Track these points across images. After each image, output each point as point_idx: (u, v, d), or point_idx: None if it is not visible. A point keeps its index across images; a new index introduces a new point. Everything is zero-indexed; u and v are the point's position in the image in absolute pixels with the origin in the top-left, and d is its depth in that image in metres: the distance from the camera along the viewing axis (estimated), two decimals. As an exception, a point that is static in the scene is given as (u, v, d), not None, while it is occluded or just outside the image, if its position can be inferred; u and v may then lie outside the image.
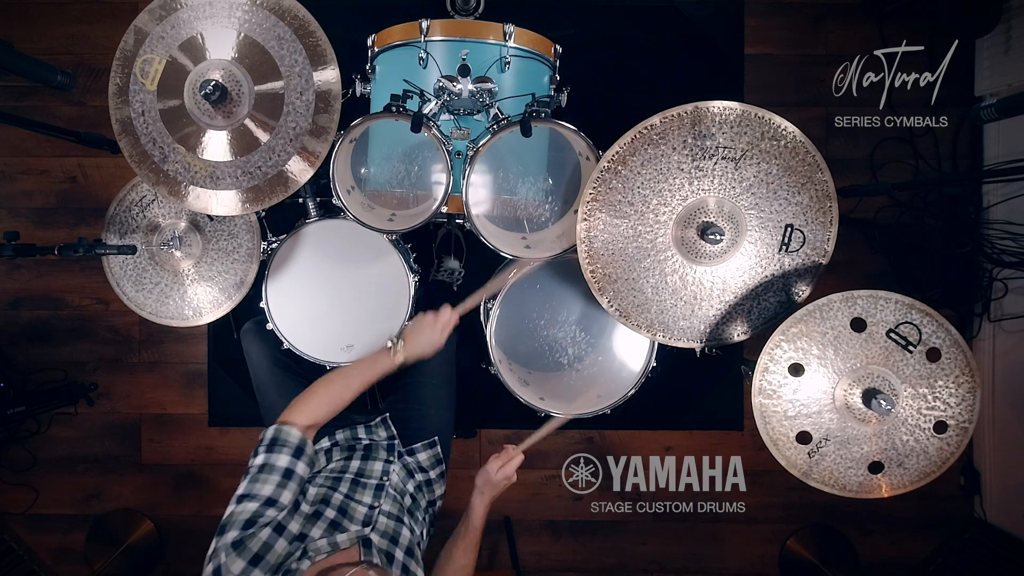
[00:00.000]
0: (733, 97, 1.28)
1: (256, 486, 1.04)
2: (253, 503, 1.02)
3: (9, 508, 2.27)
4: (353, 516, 1.12)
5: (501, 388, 1.53)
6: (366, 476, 1.25)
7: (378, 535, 1.10)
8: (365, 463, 1.29)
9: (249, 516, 1.00)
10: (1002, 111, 1.57)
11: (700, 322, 1.43)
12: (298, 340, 1.58)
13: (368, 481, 1.23)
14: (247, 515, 1.00)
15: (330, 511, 1.10)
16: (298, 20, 1.33)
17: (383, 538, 1.10)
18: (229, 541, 0.97)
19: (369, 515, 1.14)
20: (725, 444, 2.29)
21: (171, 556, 2.31)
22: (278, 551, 0.99)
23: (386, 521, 1.15)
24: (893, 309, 1.29)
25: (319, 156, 1.37)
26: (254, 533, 0.98)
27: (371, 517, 1.14)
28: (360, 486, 1.21)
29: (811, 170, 1.32)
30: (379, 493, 1.21)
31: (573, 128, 1.37)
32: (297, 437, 1.12)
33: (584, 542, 2.33)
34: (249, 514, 1.00)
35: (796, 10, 2.25)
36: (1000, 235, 2.10)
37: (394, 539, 1.11)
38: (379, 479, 1.25)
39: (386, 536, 1.11)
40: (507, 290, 1.52)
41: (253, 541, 0.97)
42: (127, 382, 2.28)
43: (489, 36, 1.46)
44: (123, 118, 1.37)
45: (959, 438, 1.31)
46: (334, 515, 1.10)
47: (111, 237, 1.69)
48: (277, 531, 1.00)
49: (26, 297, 2.27)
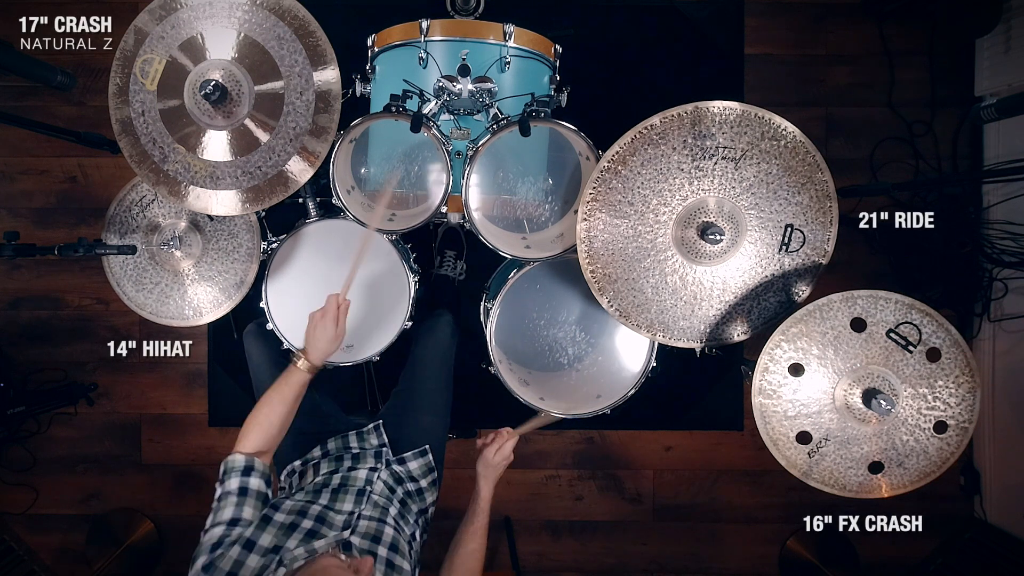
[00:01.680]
0: (733, 97, 1.28)
1: (217, 515, 1.07)
2: (218, 528, 1.05)
3: (9, 508, 2.28)
4: (332, 523, 1.10)
5: (501, 388, 1.53)
6: (348, 484, 1.23)
7: (359, 536, 1.08)
8: (350, 473, 1.27)
9: (216, 539, 1.02)
10: (1002, 111, 1.57)
11: (700, 322, 1.43)
12: (298, 340, 1.57)
13: (350, 488, 1.22)
14: (214, 539, 1.02)
15: (307, 521, 1.09)
16: (298, 20, 1.33)
17: (364, 539, 1.08)
18: (199, 567, 0.98)
19: (348, 520, 1.12)
20: (725, 444, 2.29)
21: (171, 556, 2.31)
22: (251, 566, 0.98)
23: (367, 524, 1.12)
24: (893, 309, 1.29)
25: (319, 156, 1.37)
26: (223, 553, 0.99)
27: (350, 522, 1.11)
28: (342, 493, 1.20)
29: (811, 170, 1.32)
30: (360, 499, 1.19)
31: (573, 128, 1.37)
32: (241, 460, 1.14)
33: (584, 542, 2.33)
34: (216, 538, 1.03)
35: (796, 10, 2.25)
36: (1000, 235, 2.10)
37: (376, 538, 1.09)
38: (361, 486, 1.23)
39: (367, 536, 1.09)
40: (507, 290, 1.52)
41: (223, 561, 0.98)
42: (127, 382, 2.28)
43: (489, 36, 1.46)
44: (123, 118, 1.37)
45: (959, 438, 1.31)
46: (311, 524, 1.08)
47: (111, 237, 1.68)
48: (247, 548, 1.00)
49: (26, 297, 2.27)
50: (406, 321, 1.58)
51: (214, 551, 1.00)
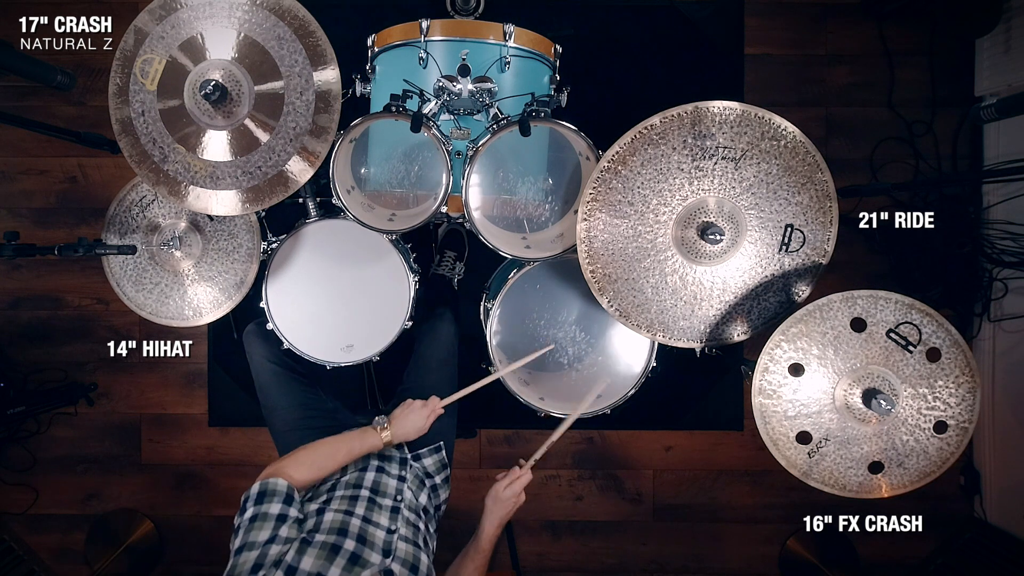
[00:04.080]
0: (733, 97, 1.28)
1: (251, 535, 0.99)
2: (253, 551, 0.96)
3: (9, 508, 2.28)
4: (373, 543, 1.08)
5: (501, 388, 1.53)
6: (381, 494, 1.22)
7: (399, 564, 1.06)
8: (380, 475, 1.27)
9: (253, 563, 0.94)
10: (1002, 111, 1.57)
11: (700, 322, 1.43)
12: (298, 340, 1.58)
13: (383, 501, 1.20)
14: (251, 563, 0.94)
15: (349, 542, 1.04)
16: (298, 20, 1.33)
17: (403, 567, 1.06)
18: None
19: (388, 541, 1.10)
20: (725, 444, 2.29)
21: (171, 556, 2.31)
22: None
23: (405, 547, 1.11)
24: (893, 309, 1.29)
25: (319, 156, 1.37)
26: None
27: (390, 544, 1.09)
28: (376, 506, 1.18)
29: (811, 170, 1.32)
30: (395, 516, 1.18)
31: (573, 128, 1.37)
32: (285, 485, 1.08)
33: (584, 542, 2.33)
34: (252, 562, 0.95)
35: (796, 10, 2.25)
36: (1000, 235, 2.10)
37: (414, 567, 1.08)
38: (394, 500, 1.22)
39: (406, 565, 1.07)
40: (507, 290, 1.52)
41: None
42: (127, 382, 2.28)
43: (489, 36, 1.46)
44: (123, 118, 1.37)
45: (959, 438, 1.31)
46: (354, 546, 1.04)
47: (111, 237, 1.68)
48: (288, 573, 0.94)
49: (26, 297, 2.27)
50: (406, 321, 1.58)
51: (254, 573, 0.93)
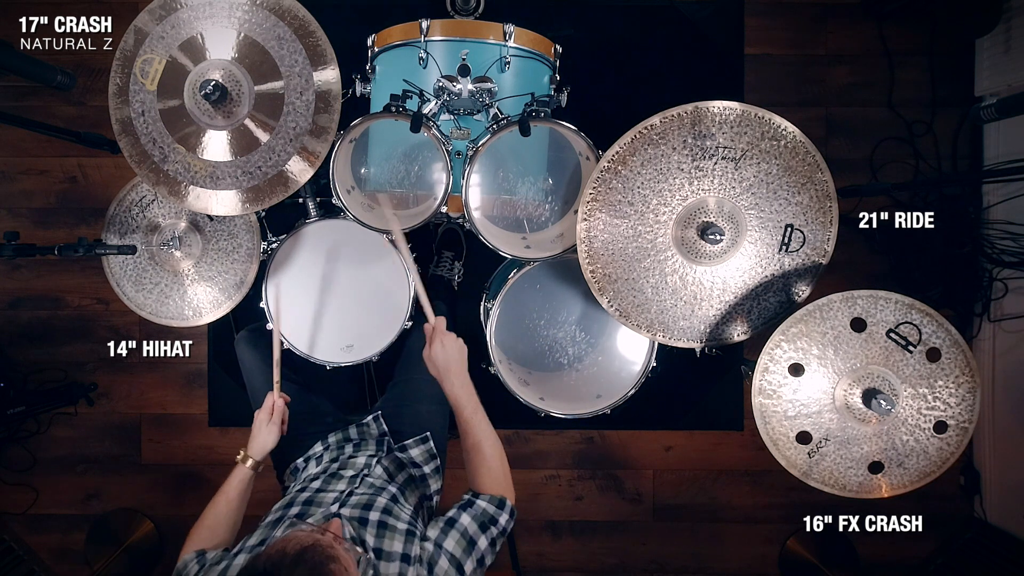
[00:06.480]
0: (733, 97, 1.28)
1: None
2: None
3: (9, 508, 2.27)
4: (322, 503, 1.07)
5: (501, 388, 1.53)
6: (346, 468, 1.22)
7: (348, 508, 1.04)
8: (349, 460, 1.26)
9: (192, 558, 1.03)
10: (1002, 111, 1.57)
11: (700, 322, 1.43)
12: (298, 340, 1.58)
13: (345, 472, 1.20)
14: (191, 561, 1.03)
15: (294, 508, 1.05)
16: (298, 20, 1.33)
17: (354, 508, 1.04)
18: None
19: (338, 497, 1.08)
20: (725, 444, 2.29)
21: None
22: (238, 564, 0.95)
23: (358, 498, 1.08)
24: (893, 309, 1.29)
25: (319, 156, 1.37)
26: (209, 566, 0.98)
27: (339, 498, 1.08)
28: (336, 478, 1.17)
29: (811, 170, 1.32)
30: (354, 480, 1.16)
31: (573, 128, 1.38)
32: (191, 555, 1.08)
33: (584, 542, 2.33)
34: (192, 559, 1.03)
35: (796, 10, 2.25)
36: (1000, 235, 2.10)
37: (367, 506, 1.05)
38: (358, 470, 1.21)
39: (358, 506, 1.04)
40: (507, 290, 1.52)
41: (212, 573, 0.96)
42: (127, 382, 2.28)
43: (489, 36, 1.46)
44: (123, 118, 1.37)
45: (959, 438, 1.31)
46: (299, 509, 1.05)
47: (111, 237, 1.68)
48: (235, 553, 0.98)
49: (26, 297, 2.27)
50: (406, 321, 1.58)
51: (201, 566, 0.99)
